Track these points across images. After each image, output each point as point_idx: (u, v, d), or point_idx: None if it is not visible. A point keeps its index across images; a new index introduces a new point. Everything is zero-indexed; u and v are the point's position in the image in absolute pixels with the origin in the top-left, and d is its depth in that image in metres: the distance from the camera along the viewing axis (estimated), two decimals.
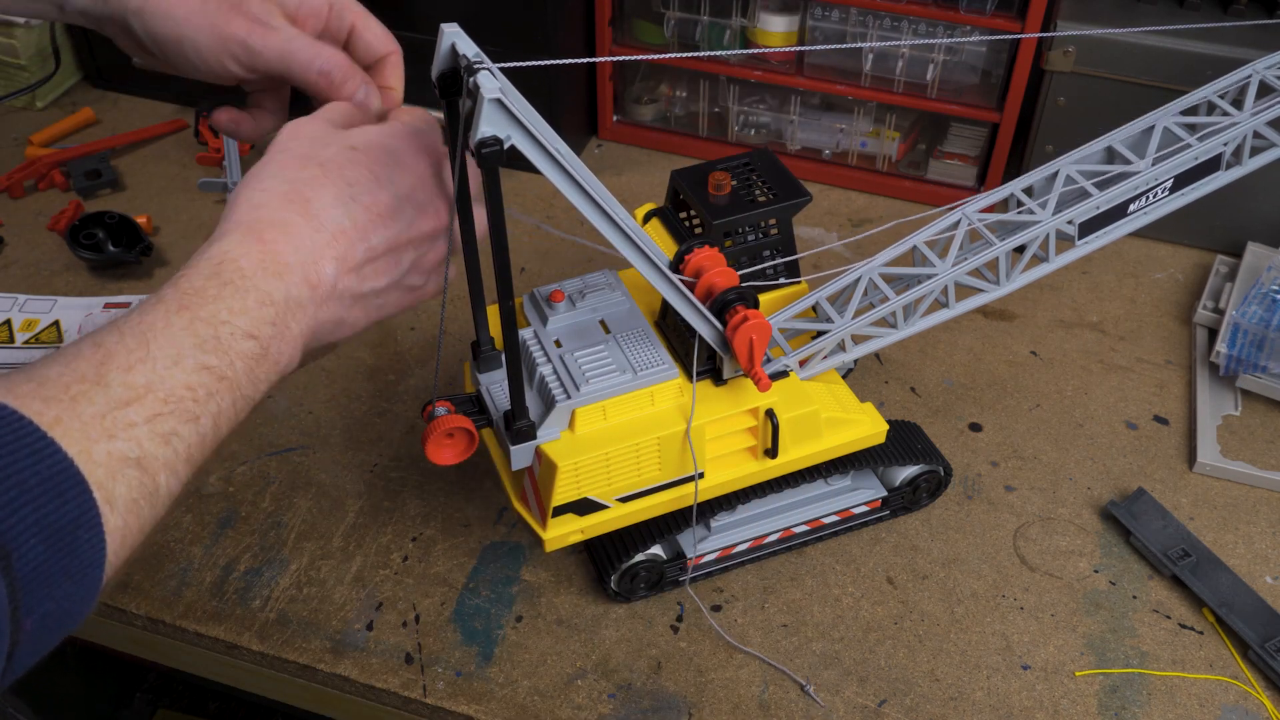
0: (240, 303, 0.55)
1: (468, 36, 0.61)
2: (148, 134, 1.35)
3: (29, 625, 0.44)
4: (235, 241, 0.57)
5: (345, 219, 0.60)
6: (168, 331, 0.52)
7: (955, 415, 1.02)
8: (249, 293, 0.55)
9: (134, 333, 0.52)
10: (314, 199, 0.59)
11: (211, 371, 0.53)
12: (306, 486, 0.95)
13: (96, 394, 0.48)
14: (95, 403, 0.48)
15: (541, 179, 0.63)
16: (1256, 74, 0.87)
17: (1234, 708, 0.82)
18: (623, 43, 1.30)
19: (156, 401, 0.50)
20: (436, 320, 1.11)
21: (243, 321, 0.55)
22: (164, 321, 0.53)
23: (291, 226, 0.58)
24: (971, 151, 1.26)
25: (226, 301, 0.55)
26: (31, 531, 0.43)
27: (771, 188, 0.88)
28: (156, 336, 0.52)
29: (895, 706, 0.81)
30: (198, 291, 0.54)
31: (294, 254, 0.58)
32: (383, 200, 0.61)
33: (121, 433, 0.48)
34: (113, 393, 0.49)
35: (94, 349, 0.51)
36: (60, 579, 0.45)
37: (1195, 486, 0.97)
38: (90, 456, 0.47)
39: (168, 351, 0.52)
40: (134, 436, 0.49)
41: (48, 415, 0.46)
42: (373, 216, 0.61)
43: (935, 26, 1.17)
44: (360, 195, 0.60)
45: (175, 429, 0.51)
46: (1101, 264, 1.19)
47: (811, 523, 0.90)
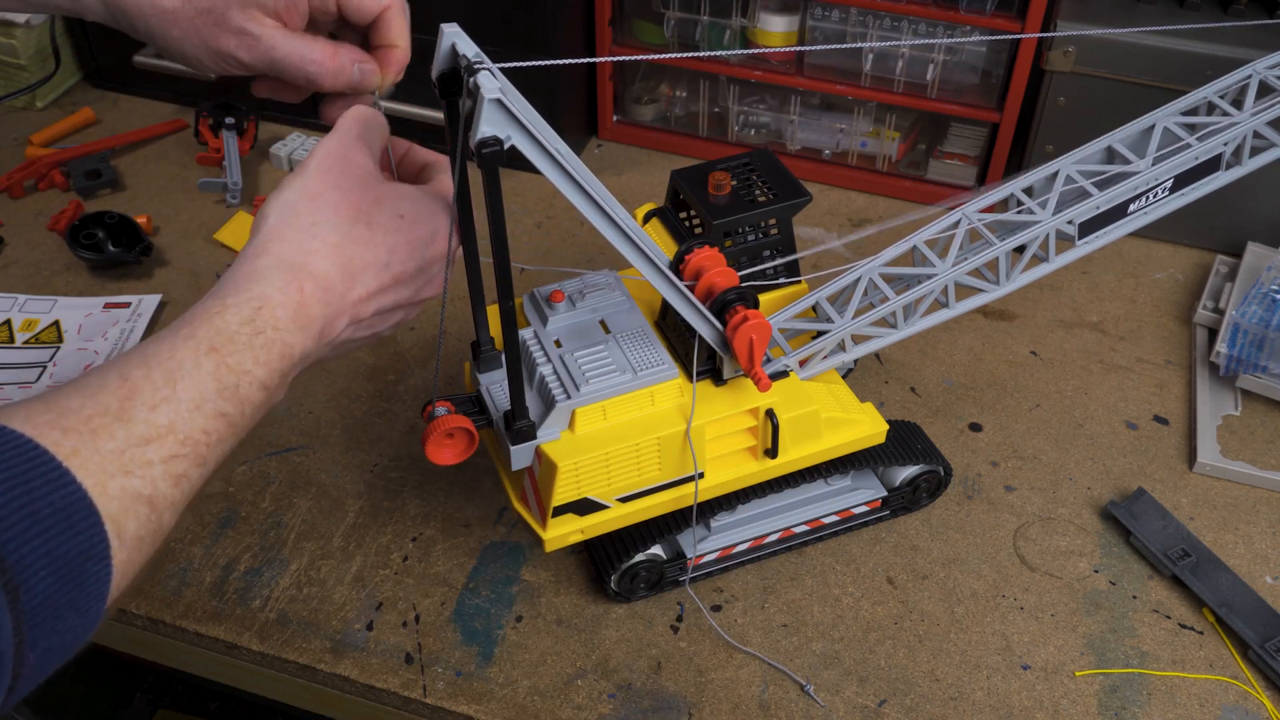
0: (266, 354, 0.57)
1: (468, 36, 0.61)
2: (148, 134, 1.35)
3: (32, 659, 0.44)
4: (278, 287, 0.58)
5: (374, 283, 0.63)
6: (195, 374, 0.53)
7: (955, 415, 1.02)
8: (275, 345, 0.57)
9: (162, 369, 0.52)
10: (355, 259, 0.61)
11: (226, 419, 0.54)
12: (306, 486, 0.95)
13: (118, 429, 0.49)
14: (116, 438, 0.49)
15: (541, 179, 0.63)
16: (1256, 74, 0.87)
17: (1234, 708, 0.82)
18: (623, 43, 1.30)
19: (175, 443, 0.51)
20: (436, 320, 1.11)
21: (262, 373, 0.57)
22: (193, 362, 0.54)
23: (330, 284, 0.60)
24: (971, 151, 1.26)
25: (255, 352, 0.56)
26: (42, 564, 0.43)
27: (771, 188, 0.88)
28: (184, 378, 0.53)
29: (895, 706, 0.81)
30: (231, 336, 0.56)
31: (322, 309, 0.60)
32: (409, 270, 0.64)
33: (139, 470, 0.49)
34: (135, 430, 0.50)
35: (120, 382, 0.51)
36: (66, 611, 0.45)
37: (1195, 486, 0.97)
38: (105, 490, 0.47)
39: (192, 394, 0.53)
40: (150, 476, 0.49)
41: (65, 446, 0.46)
42: (395, 283, 0.64)
43: (935, 26, 1.17)
44: (394, 264, 0.63)
45: (186, 471, 0.52)
46: (1101, 264, 1.19)
47: (811, 523, 0.90)
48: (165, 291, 1.14)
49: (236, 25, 0.68)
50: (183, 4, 0.68)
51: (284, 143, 1.32)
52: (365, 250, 0.62)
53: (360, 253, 0.62)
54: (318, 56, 0.69)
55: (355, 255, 0.61)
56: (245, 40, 0.68)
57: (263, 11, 0.69)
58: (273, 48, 0.68)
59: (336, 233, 0.61)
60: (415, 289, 0.66)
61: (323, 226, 0.61)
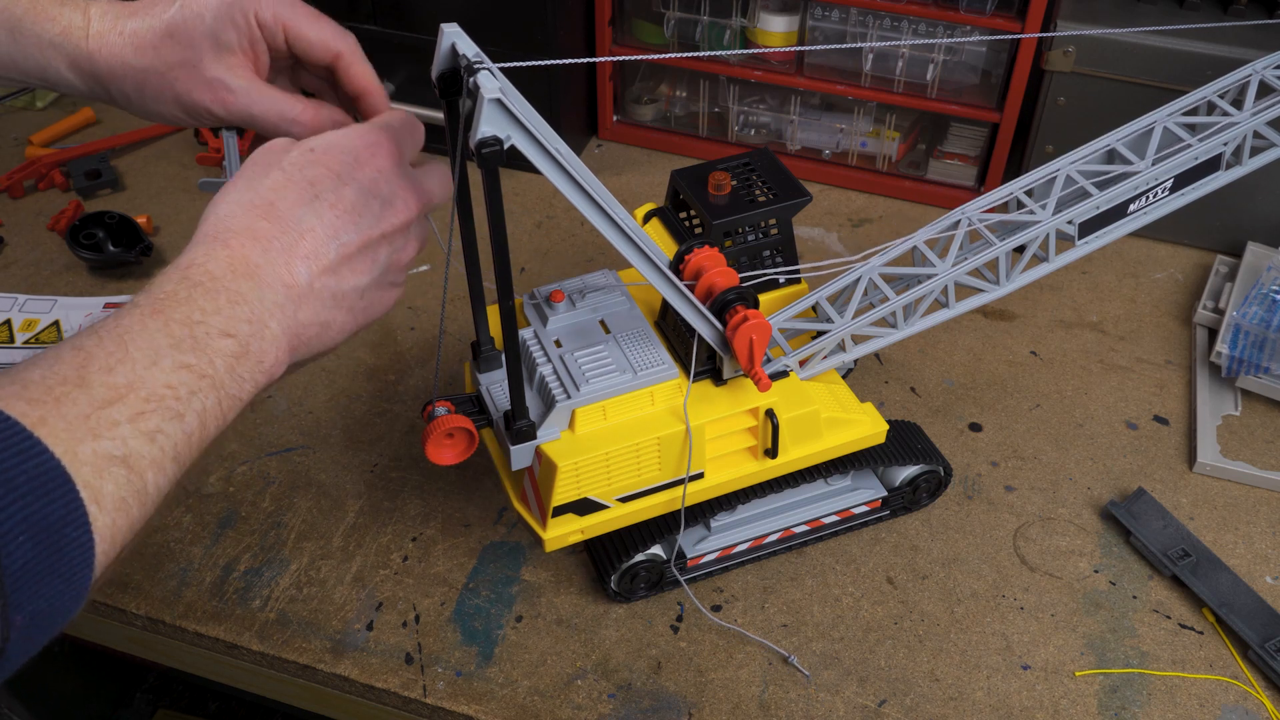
0: (211, 303, 0.56)
1: (468, 36, 0.61)
2: (148, 134, 1.35)
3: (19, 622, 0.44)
4: (202, 251, 0.58)
5: (312, 218, 0.60)
6: (144, 333, 0.53)
7: (955, 415, 1.02)
8: (219, 293, 0.56)
9: (111, 335, 0.52)
10: (277, 202, 0.60)
11: (191, 370, 0.53)
12: (306, 486, 0.95)
13: (79, 395, 0.49)
14: (79, 403, 0.49)
15: (541, 179, 0.63)
16: (1256, 74, 0.87)
17: (1234, 708, 0.82)
18: (623, 43, 1.30)
19: (139, 400, 0.51)
20: (436, 320, 1.11)
21: (217, 320, 0.55)
22: (139, 325, 0.53)
23: (258, 231, 0.59)
24: (971, 151, 1.26)
25: (198, 302, 0.55)
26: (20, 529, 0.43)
27: (771, 188, 0.88)
28: (134, 338, 0.52)
29: (895, 706, 0.81)
30: (168, 296, 0.55)
31: (262, 256, 0.59)
32: (347, 196, 0.61)
33: (107, 431, 0.49)
34: (95, 393, 0.49)
35: (74, 352, 0.51)
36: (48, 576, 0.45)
37: (1195, 486, 0.97)
38: (76, 456, 0.47)
39: (145, 352, 0.52)
40: (119, 435, 0.49)
41: (32, 415, 0.47)
42: (339, 213, 0.61)
43: (935, 26, 1.17)
44: (324, 194, 0.61)
45: (160, 426, 0.51)
46: (1101, 264, 1.19)
47: (811, 523, 0.90)
48: None
49: (210, 76, 0.68)
50: (154, 59, 0.67)
51: None
52: (284, 193, 0.60)
53: (279, 196, 0.60)
54: (297, 114, 0.69)
55: (275, 199, 0.60)
56: (219, 95, 0.68)
57: (233, 56, 0.68)
58: (251, 104, 0.69)
59: (249, 191, 0.61)
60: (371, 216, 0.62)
61: (235, 192, 0.61)
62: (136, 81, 0.68)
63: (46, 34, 0.68)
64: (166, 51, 0.67)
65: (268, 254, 0.59)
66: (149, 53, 0.67)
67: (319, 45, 0.70)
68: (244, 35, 0.68)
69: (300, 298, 0.60)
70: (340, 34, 0.71)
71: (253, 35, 0.69)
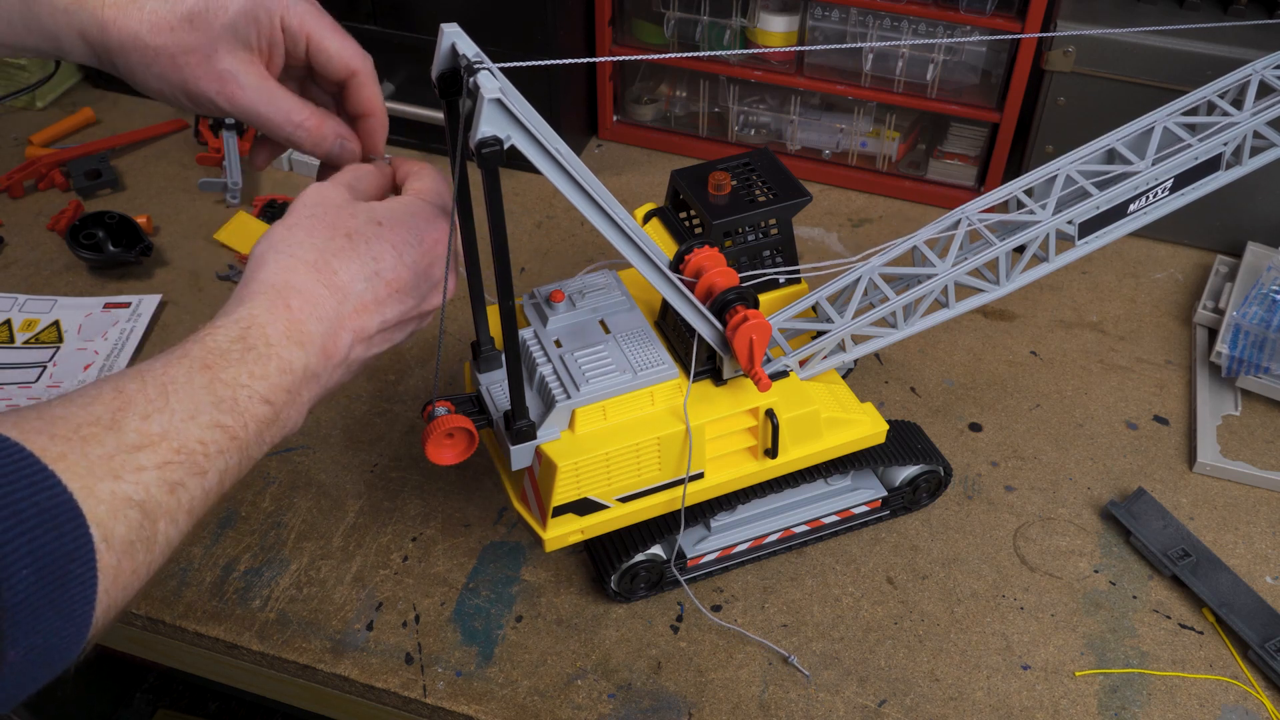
0: (262, 369, 0.57)
1: (468, 36, 0.61)
2: (148, 134, 1.35)
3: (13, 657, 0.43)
4: (263, 307, 0.59)
5: (368, 293, 0.62)
6: (189, 387, 0.53)
7: (955, 415, 1.02)
8: (271, 360, 0.57)
9: (155, 383, 0.53)
10: (340, 270, 0.62)
11: (225, 430, 0.54)
12: (306, 486, 0.95)
13: (108, 437, 0.49)
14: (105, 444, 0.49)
15: (541, 179, 0.63)
16: (1256, 74, 0.87)
17: (1234, 708, 0.82)
18: (623, 43, 1.30)
19: (168, 450, 0.51)
20: (436, 320, 1.11)
21: (261, 387, 0.57)
22: (186, 377, 0.54)
23: (318, 297, 0.60)
24: (971, 151, 1.26)
25: (249, 366, 0.56)
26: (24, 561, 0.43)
27: (771, 188, 0.88)
28: (178, 390, 0.53)
29: (895, 706, 0.81)
30: (223, 353, 0.56)
31: (317, 324, 0.60)
32: (403, 276, 0.64)
33: (129, 475, 0.49)
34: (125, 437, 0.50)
35: (114, 394, 0.51)
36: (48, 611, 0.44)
37: (1195, 486, 0.97)
38: (92, 493, 0.46)
39: (186, 405, 0.53)
40: (141, 481, 0.49)
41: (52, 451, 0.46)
42: (391, 291, 0.63)
43: (935, 26, 1.17)
44: (384, 271, 0.63)
45: (183, 479, 0.51)
46: (1101, 264, 1.19)
47: (811, 523, 0.90)
48: (165, 291, 1.14)
49: (221, 68, 0.67)
50: (169, 41, 0.67)
51: None
52: (348, 261, 0.62)
53: (344, 264, 0.62)
54: (303, 120, 0.70)
55: (339, 268, 0.61)
56: (227, 88, 0.68)
57: (248, 52, 0.68)
58: (258, 103, 0.68)
59: (314, 250, 0.62)
60: (417, 297, 0.65)
61: (300, 247, 0.62)
62: (145, 59, 0.68)
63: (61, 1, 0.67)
64: (183, 36, 0.67)
65: (322, 323, 0.60)
66: (165, 34, 0.66)
67: (338, 60, 0.70)
68: (264, 35, 0.68)
69: (336, 367, 0.62)
70: (361, 54, 0.71)
71: (273, 37, 0.69)
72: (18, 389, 1.02)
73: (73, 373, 1.04)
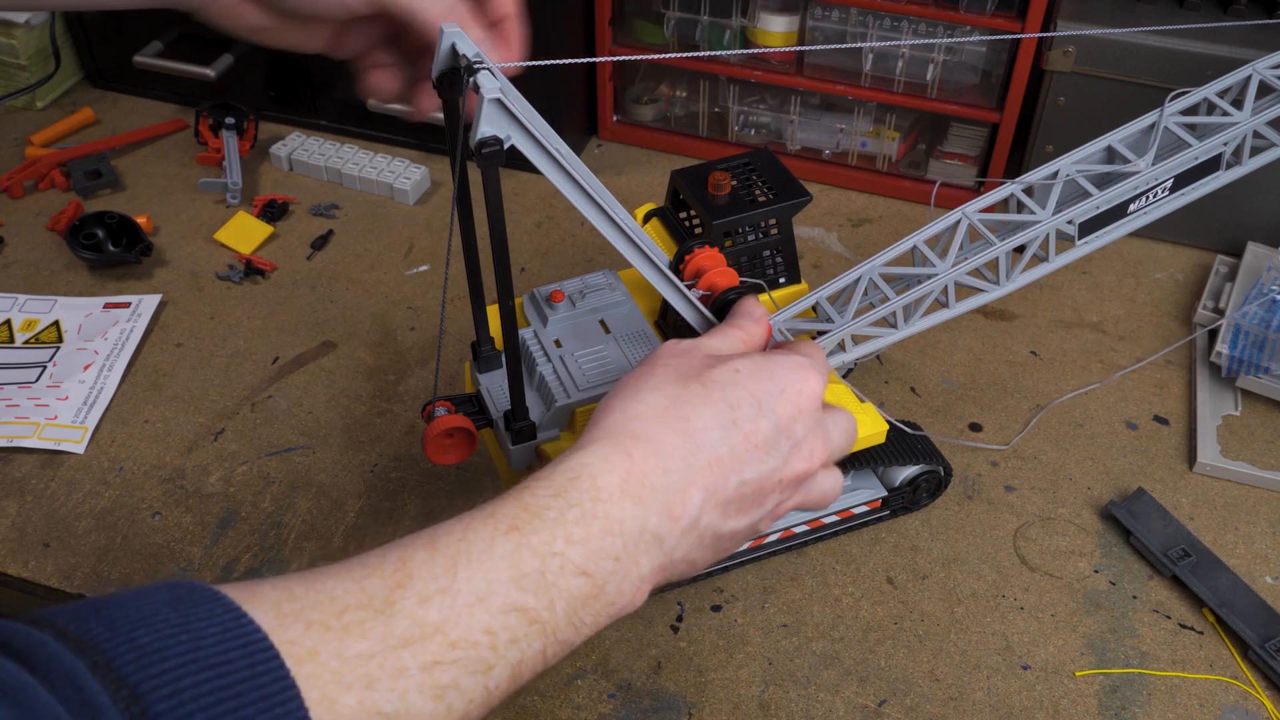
0: (582, 531, 0.48)
1: (468, 37, 0.61)
2: (148, 134, 1.35)
3: None
4: (599, 454, 0.51)
5: (724, 445, 0.54)
6: (486, 559, 0.46)
7: (955, 415, 1.02)
8: (596, 520, 0.49)
9: (447, 553, 0.46)
10: (694, 418, 0.54)
11: (524, 614, 0.45)
12: (306, 486, 0.95)
13: (374, 627, 0.42)
14: (369, 638, 0.41)
15: (541, 179, 0.63)
16: (1256, 74, 0.87)
17: (1234, 708, 0.82)
18: (623, 43, 1.30)
19: (442, 645, 0.43)
20: (436, 320, 1.11)
21: (577, 554, 0.48)
22: (485, 544, 0.46)
23: (666, 446, 0.52)
24: (971, 151, 1.26)
25: (565, 528, 0.48)
26: None
27: (771, 188, 0.88)
28: (470, 564, 0.45)
29: (895, 706, 0.81)
30: (537, 512, 0.48)
31: (661, 477, 0.51)
32: (763, 429, 0.55)
33: (385, 682, 0.41)
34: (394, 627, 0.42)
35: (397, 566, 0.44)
36: None
37: (1195, 486, 0.97)
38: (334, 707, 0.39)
39: (476, 585, 0.45)
40: (398, 688, 0.41)
41: (303, 646, 0.40)
42: (750, 446, 0.55)
43: (935, 26, 1.17)
44: (741, 420, 0.55)
45: (455, 681, 0.43)
46: (1101, 264, 1.19)
47: (811, 523, 0.90)
48: (165, 291, 1.14)
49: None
50: None
51: (284, 143, 1.32)
52: (702, 408, 0.54)
53: (696, 411, 0.54)
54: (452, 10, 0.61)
55: (691, 414, 0.53)
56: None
57: None
58: None
59: (666, 396, 0.54)
60: (779, 458, 0.56)
61: (650, 392, 0.54)
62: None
63: None
64: None
65: (668, 475, 0.51)
66: None
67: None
68: None
69: (684, 531, 0.52)
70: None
71: None
72: (17, 389, 1.02)
73: (73, 373, 1.04)
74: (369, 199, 1.27)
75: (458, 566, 0.45)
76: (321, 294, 1.15)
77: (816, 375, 0.59)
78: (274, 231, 1.22)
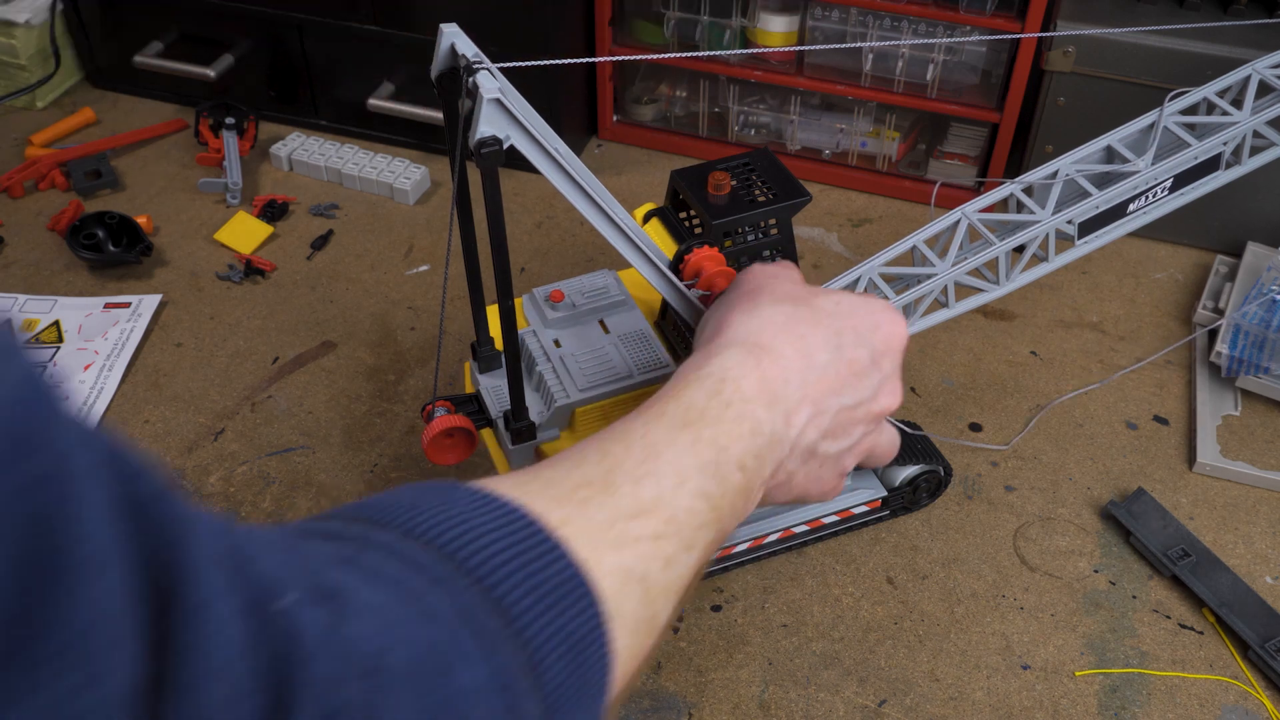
0: (737, 429, 0.51)
1: (467, 36, 0.61)
2: (148, 134, 1.35)
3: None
4: (735, 360, 0.54)
5: (830, 367, 0.57)
6: (673, 449, 0.48)
7: (955, 415, 1.02)
8: (746, 420, 0.51)
9: (640, 443, 0.48)
10: (808, 336, 0.57)
11: (708, 500, 0.48)
12: (306, 486, 0.95)
13: (605, 500, 0.44)
14: (604, 509, 0.44)
15: (541, 179, 0.63)
16: (1256, 73, 0.87)
17: (1234, 708, 0.82)
18: (623, 43, 1.30)
19: (661, 520, 0.45)
20: (436, 320, 1.11)
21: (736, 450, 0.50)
22: (669, 438, 0.48)
23: (786, 358, 0.55)
24: (971, 151, 1.26)
25: (726, 425, 0.50)
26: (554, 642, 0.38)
27: (771, 188, 0.88)
28: (663, 452, 0.48)
29: (895, 706, 0.81)
30: (701, 411, 0.50)
31: (783, 387, 0.54)
32: (862, 358, 0.58)
33: (629, 547, 0.43)
34: (621, 502, 0.44)
35: (599, 455, 0.47)
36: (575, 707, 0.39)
37: (1195, 486, 0.97)
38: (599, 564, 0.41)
39: (674, 470, 0.47)
40: (640, 553, 0.44)
41: (555, 515, 0.42)
42: (851, 372, 0.58)
43: (935, 26, 1.17)
44: (845, 346, 0.58)
45: (675, 554, 0.45)
46: (1101, 264, 1.19)
47: (811, 523, 0.90)
48: (165, 291, 1.14)
49: None
50: None
51: (284, 143, 1.32)
52: (815, 329, 0.57)
53: (809, 331, 0.57)
54: None
55: (805, 333, 0.56)
56: None
57: None
58: None
59: (783, 313, 0.57)
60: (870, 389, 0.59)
61: (768, 307, 0.57)
62: None
63: None
64: None
65: (788, 386, 0.54)
66: None
67: None
68: None
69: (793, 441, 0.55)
70: None
71: None
72: None
73: (73, 373, 1.04)
74: (369, 199, 1.27)
75: (653, 455, 0.47)
76: (321, 294, 1.15)
77: (903, 322, 0.62)
78: (274, 231, 1.22)
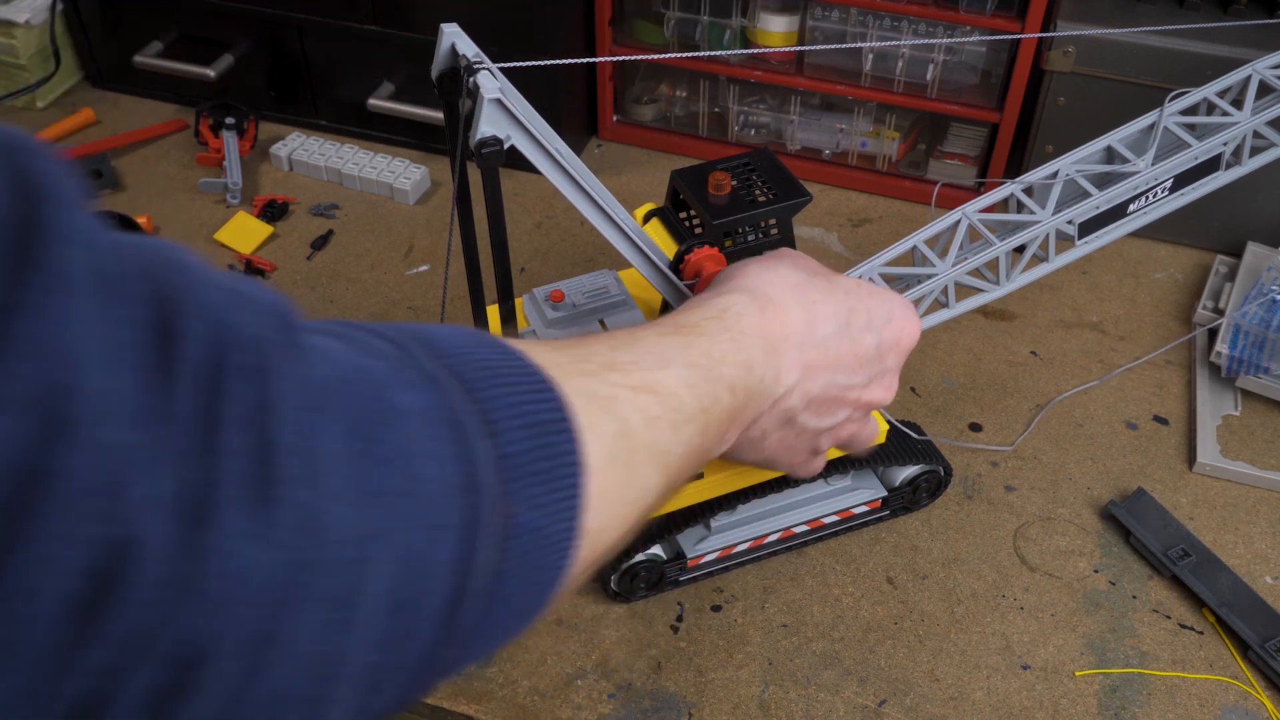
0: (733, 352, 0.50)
1: (467, 36, 0.61)
2: (148, 134, 1.35)
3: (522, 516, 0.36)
4: (740, 300, 0.54)
5: (833, 342, 0.57)
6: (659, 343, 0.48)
7: (955, 415, 1.02)
8: (741, 350, 0.51)
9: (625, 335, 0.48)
10: (819, 304, 0.57)
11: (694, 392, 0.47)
12: None
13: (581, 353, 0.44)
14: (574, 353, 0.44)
15: (541, 179, 0.63)
16: (1257, 74, 0.87)
17: (1234, 708, 0.82)
18: (623, 43, 1.30)
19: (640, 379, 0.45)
20: (436, 320, 1.11)
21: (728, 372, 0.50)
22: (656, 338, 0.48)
23: (790, 315, 0.55)
24: (971, 151, 1.26)
25: (721, 345, 0.50)
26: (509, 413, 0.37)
27: (771, 188, 0.88)
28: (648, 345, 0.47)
29: (895, 706, 0.81)
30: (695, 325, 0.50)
31: (782, 341, 0.54)
32: (866, 344, 0.59)
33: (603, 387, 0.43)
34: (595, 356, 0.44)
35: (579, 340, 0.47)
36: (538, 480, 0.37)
37: (1195, 486, 0.97)
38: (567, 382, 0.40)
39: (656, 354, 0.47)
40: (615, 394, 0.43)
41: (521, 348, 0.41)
42: (849, 356, 0.58)
43: (935, 26, 1.17)
44: (853, 328, 0.58)
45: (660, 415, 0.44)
46: (1101, 264, 1.19)
47: (811, 523, 0.90)
48: None
49: None
50: None
51: (284, 143, 1.32)
52: (826, 299, 0.57)
53: (821, 299, 0.56)
54: None
55: (817, 299, 0.56)
56: None
57: None
58: None
59: (799, 277, 0.57)
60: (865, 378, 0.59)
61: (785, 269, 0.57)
62: None
63: None
64: None
65: (786, 341, 0.54)
66: None
67: None
68: None
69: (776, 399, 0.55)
70: None
71: None
72: None
73: None
74: (369, 199, 1.27)
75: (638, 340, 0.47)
76: (321, 294, 1.15)
77: (918, 322, 0.62)
78: (274, 231, 1.22)
